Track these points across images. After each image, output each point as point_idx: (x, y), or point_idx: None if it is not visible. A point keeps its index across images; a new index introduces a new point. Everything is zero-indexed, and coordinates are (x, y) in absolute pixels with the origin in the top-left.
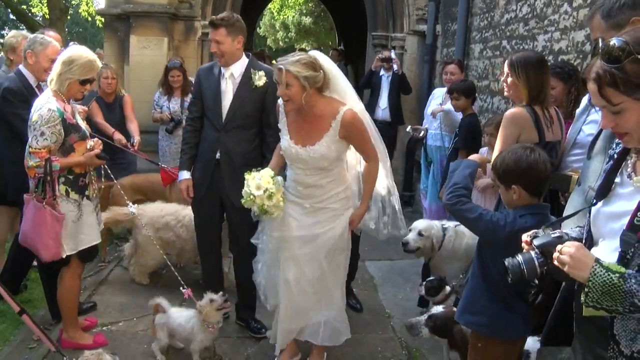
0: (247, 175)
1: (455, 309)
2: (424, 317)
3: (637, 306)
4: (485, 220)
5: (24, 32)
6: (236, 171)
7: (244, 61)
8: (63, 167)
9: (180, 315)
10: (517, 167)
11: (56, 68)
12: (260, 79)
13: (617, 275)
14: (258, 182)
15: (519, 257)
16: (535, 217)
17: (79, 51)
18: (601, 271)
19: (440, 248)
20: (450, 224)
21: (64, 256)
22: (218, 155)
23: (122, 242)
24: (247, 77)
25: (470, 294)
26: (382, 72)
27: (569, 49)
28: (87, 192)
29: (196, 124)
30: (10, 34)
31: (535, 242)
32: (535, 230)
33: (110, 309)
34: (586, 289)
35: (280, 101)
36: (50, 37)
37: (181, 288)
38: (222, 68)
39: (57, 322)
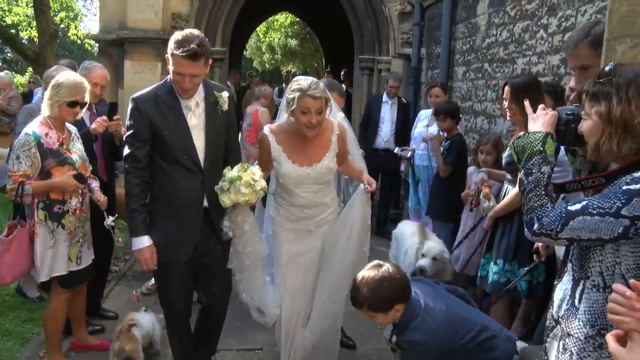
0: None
1: None
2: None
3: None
4: None
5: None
6: (224, 214)
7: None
8: (37, 191)
9: None
10: None
11: (46, 93)
12: (225, 102)
13: (537, 154)
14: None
15: None
16: None
17: (66, 74)
18: (536, 138)
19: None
20: None
21: (7, 282)
22: (206, 203)
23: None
24: (209, 102)
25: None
26: (384, 99)
27: (546, 71)
28: (62, 221)
29: (145, 175)
30: (53, 68)
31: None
32: None
33: (112, 325)
34: (521, 134)
35: (267, 132)
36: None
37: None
38: (180, 99)
39: (65, 336)
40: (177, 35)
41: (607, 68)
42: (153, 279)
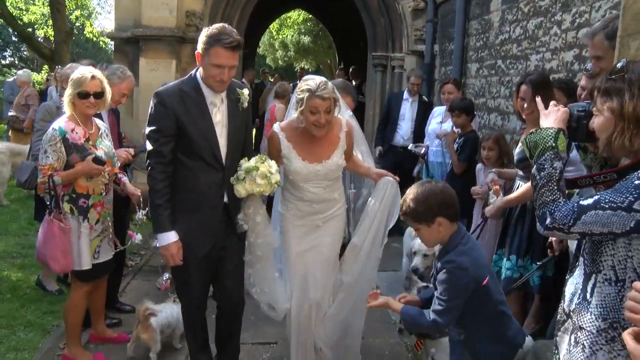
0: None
1: None
2: None
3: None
4: None
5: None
6: (241, 208)
7: None
8: (65, 180)
9: None
10: None
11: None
12: (246, 99)
13: (549, 149)
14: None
15: None
16: None
17: (76, 70)
18: (548, 133)
19: None
20: None
21: (74, 269)
22: (226, 199)
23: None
24: (231, 99)
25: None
26: (405, 96)
27: (560, 68)
28: (88, 215)
29: (169, 170)
30: (67, 66)
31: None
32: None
33: (129, 318)
34: (533, 130)
35: (277, 129)
36: (128, 76)
37: None
38: (206, 93)
39: (84, 328)
40: (211, 30)
41: (619, 65)
42: (166, 274)
